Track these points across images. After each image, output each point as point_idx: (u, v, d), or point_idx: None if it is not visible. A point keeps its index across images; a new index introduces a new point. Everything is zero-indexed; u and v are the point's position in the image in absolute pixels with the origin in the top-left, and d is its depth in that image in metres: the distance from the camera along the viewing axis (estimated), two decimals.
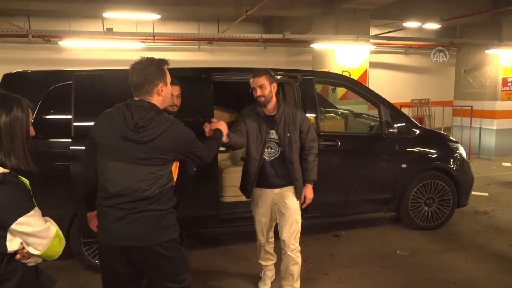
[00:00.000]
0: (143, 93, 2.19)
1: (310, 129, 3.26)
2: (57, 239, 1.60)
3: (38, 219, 1.55)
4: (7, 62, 8.92)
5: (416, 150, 4.80)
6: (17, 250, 1.53)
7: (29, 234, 1.52)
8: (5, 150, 1.57)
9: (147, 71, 2.18)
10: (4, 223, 1.48)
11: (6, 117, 1.57)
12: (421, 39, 11.95)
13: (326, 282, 3.70)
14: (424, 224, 4.85)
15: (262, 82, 3.08)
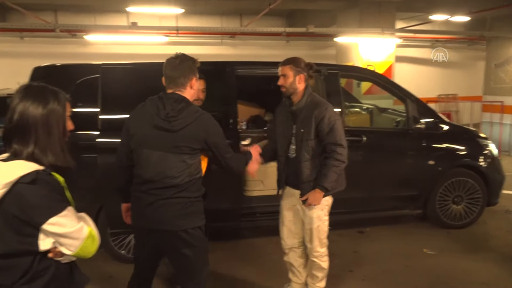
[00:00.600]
0: (177, 86, 2.33)
1: (333, 130, 2.82)
2: (90, 240, 1.55)
3: (71, 219, 1.50)
4: (35, 56, 9.12)
5: (443, 146, 4.67)
6: (49, 249, 1.50)
7: (61, 234, 1.48)
8: (40, 146, 1.50)
9: (184, 65, 2.34)
10: (35, 223, 1.44)
11: (42, 110, 1.51)
12: (449, 32, 11.62)
13: (351, 279, 3.65)
14: (452, 223, 4.72)
15: (285, 71, 2.89)
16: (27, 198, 1.42)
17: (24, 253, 1.47)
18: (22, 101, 1.50)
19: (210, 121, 2.36)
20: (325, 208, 3.03)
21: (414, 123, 4.44)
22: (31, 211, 1.43)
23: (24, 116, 1.49)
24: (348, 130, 4.28)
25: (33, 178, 1.43)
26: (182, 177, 2.28)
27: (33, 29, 9.74)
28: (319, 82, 4.29)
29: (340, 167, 2.87)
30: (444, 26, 11.73)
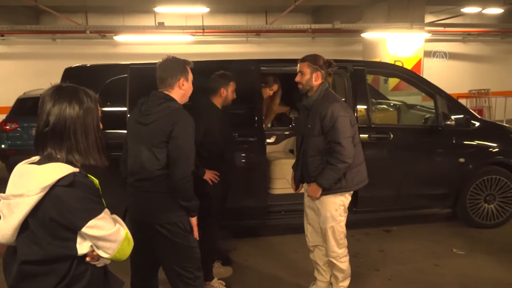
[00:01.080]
0: (166, 86, 2.46)
1: (335, 128, 2.74)
2: (126, 242, 1.52)
3: (108, 222, 1.47)
4: (67, 57, 9.42)
5: (475, 143, 4.53)
6: (87, 253, 1.47)
7: (99, 237, 1.44)
8: (79, 147, 1.47)
9: (172, 67, 2.47)
10: (74, 226, 1.41)
11: (79, 110, 1.47)
12: (481, 25, 11.25)
13: (377, 279, 3.60)
14: (484, 222, 4.58)
15: (302, 68, 2.89)
16: (66, 201, 1.38)
17: (62, 258, 1.44)
18: (57, 103, 1.45)
19: (182, 117, 2.36)
20: (340, 208, 2.96)
21: (444, 119, 4.32)
22: (70, 214, 1.39)
23: (62, 118, 1.44)
24: (375, 127, 4.26)
25: (71, 181, 1.39)
26: (153, 170, 2.37)
27: (65, 30, 10.08)
28: (344, 79, 4.25)
29: (337, 167, 2.76)
30: (476, 19, 11.35)
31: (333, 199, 2.92)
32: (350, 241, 4.30)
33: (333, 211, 2.93)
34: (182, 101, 2.49)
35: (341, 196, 2.93)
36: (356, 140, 2.90)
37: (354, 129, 2.88)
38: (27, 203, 1.36)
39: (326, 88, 2.90)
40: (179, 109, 2.40)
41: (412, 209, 4.59)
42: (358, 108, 4.19)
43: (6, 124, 6.96)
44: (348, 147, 2.77)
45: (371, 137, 4.19)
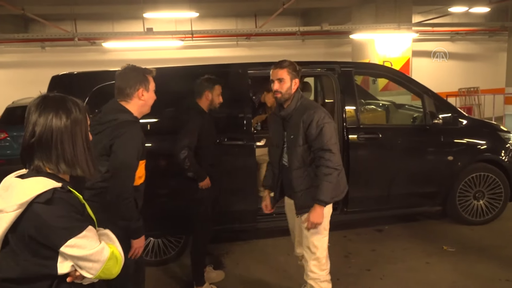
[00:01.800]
0: (124, 96, 2.35)
1: (321, 135, 2.57)
2: (112, 261, 1.42)
3: (91, 240, 1.38)
4: (55, 65, 9.39)
5: (463, 141, 4.58)
6: (68, 272, 1.38)
7: (80, 257, 1.36)
8: (66, 159, 1.42)
9: (130, 76, 2.35)
10: (53, 245, 1.34)
11: (66, 120, 1.41)
12: (469, 24, 11.38)
13: (369, 278, 3.61)
14: (473, 219, 4.62)
15: (282, 75, 2.64)
16: (44, 218, 1.32)
17: (41, 277, 1.38)
18: (43, 113, 1.39)
19: (125, 130, 2.24)
20: (324, 221, 2.70)
21: (432, 118, 4.37)
22: (48, 232, 1.33)
23: (48, 129, 1.38)
24: (364, 127, 4.28)
25: (48, 198, 1.33)
26: (94, 181, 2.21)
27: (54, 38, 10.03)
28: (332, 80, 4.28)
29: (333, 175, 2.56)
30: (464, 18, 11.48)
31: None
32: (342, 241, 4.38)
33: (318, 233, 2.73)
34: (141, 112, 2.39)
35: (329, 207, 2.75)
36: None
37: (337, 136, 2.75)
38: (6, 219, 1.32)
39: (301, 96, 2.72)
40: (124, 122, 2.26)
41: (403, 208, 4.61)
42: (346, 109, 4.21)
43: None
44: (337, 153, 2.61)
45: (360, 138, 4.21)
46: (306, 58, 11.80)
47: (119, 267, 1.47)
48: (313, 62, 4.66)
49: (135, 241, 2.31)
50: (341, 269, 3.75)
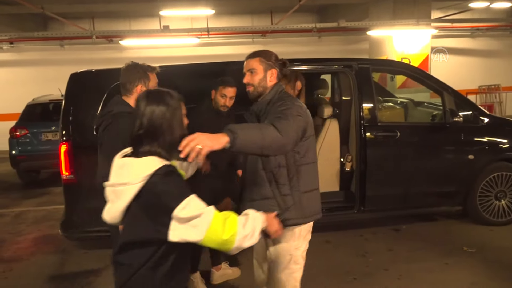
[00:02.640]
0: (125, 91, 2.52)
1: (281, 118, 2.00)
2: (216, 224, 1.59)
3: (198, 203, 1.60)
4: (74, 63, 9.50)
5: (484, 140, 4.47)
6: (176, 242, 1.57)
7: (190, 218, 1.56)
8: (166, 143, 1.66)
9: (131, 72, 2.51)
10: (169, 208, 1.56)
11: (166, 111, 1.66)
12: (490, 19, 11.10)
13: (386, 278, 3.56)
14: (495, 220, 4.51)
15: (253, 65, 2.21)
16: (162, 187, 1.58)
17: (154, 241, 1.62)
18: (148, 106, 1.66)
19: (114, 121, 2.39)
20: (295, 253, 2.26)
21: (452, 116, 4.27)
22: (166, 197, 1.57)
23: (153, 118, 1.65)
24: (381, 125, 4.22)
25: (166, 171, 1.59)
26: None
27: (72, 36, 10.19)
28: (349, 77, 4.23)
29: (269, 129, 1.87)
30: (484, 14, 11.21)
31: (288, 236, 2.24)
32: (359, 240, 4.33)
33: (286, 256, 2.26)
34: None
35: (299, 232, 2.27)
36: (311, 159, 2.25)
37: (309, 144, 2.20)
38: (131, 190, 1.59)
39: (282, 90, 2.26)
40: (116, 114, 2.41)
41: (421, 208, 4.54)
42: (364, 106, 4.16)
43: (16, 130, 7.05)
44: (287, 138, 1.92)
45: (378, 136, 4.16)
46: (322, 55, 11.70)
47: (227, 234, 1.61)
48: (330, 59, 4.61)
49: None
50: (358, 269, 3.72)
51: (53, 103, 7.36)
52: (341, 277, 3.58)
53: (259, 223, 1.75)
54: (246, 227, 1.68)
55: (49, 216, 5.64)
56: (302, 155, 2.20)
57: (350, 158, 4.49)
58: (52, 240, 4.73)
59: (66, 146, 3.66)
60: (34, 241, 4.78)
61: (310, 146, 2.24)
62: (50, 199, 6.52)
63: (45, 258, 4.27)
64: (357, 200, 4.24)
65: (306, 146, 2.20)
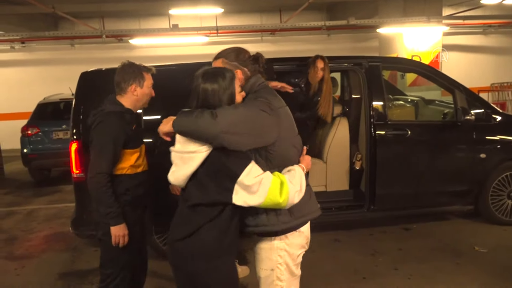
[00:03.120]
0: (119, 91, 2.53)
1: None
2: (274, 187, 1.72)
3: (257, 168, 1.74)
4: (84, 62, 9.56)
5: (497, 138, 4.41)
6: (239, 205, 1.74)
7: (252, 185, 1.70)
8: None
9: (125, 72, 2.51)
10: (234, 175, 1.71)
11: (218, 89, 1.78)
12: (502, 16, 10.94)
13: (396, 278, 3.53)
14: (507, 219, 4.45)
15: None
16: (227, 154, 1.73)
17: (218, 203, 1.78)
18: (202, 84, 1.80)
19: (103, 119, 2.43)
20: (278, 268, 1.96)
21: (463, 114, 4.21)
22: (232, 165, 1.72)
23: (207, 96, 1.79)
24: (392, 123, 4.19)
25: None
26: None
27: (82, 36, 10.27)
28: (359, 75, 4.19)
29: (203, 115, 1.71)
30: (497, 10, 11.04)
31: (267, 247, 1.95)
32: (368, 239, 4.31)
33: (268, 270, 1.97)
34: (136, 106, 2.57)
35: (280, 242, 1.94)
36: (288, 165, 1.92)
37: (282, 151, 1.90)
38: (200, 157, 1.74)
39: (260, 83, 2.01)
40: (106, 113, 2.45)
41: (432, 207, 4.49)
42: (374, 104, 4.13)
43: (28, 129, 7.13)
44: (235, 118, 1.73)
45: (388, 134, 4.12)
46: (331, 53, 11.54)
47: (285, 196, 1.73)
48: (339, 57, 4.58)
49: (112, 228, 2.43)
50: (368, 268, 3.69)
51: (64, 102, 7.44)
52: (350, 276, 3.56)
53: (302, 175, 1.87)
54: (295, 183, 1.80)
55: (60, 214, 5.70)
56: (273, 163, 1.89)
57: (360, 157, 4.46)
58: (63, 237, 4.78)
59: (76, 145, 3.69)
60: (46, 239, 4.84)
61: (285, 154, 1.91)
62: (61, 197, 6.59)
63: (56, 256, 4.32)
64: (367, 198, 4.21)
65: (279, 153, 1.88)
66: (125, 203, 2.51)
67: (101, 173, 2.37)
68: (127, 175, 2.51)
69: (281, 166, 1.90)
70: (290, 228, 1.93)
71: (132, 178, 2.53)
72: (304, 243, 2.01)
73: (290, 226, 1.92)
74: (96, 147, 2.42)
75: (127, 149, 2.48)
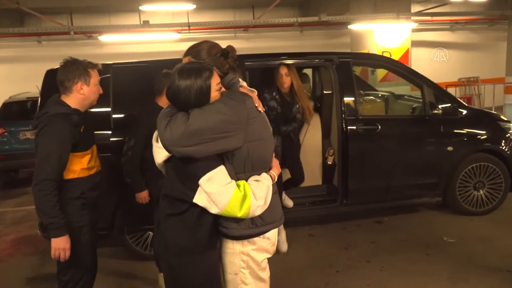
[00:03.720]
0: (63, 89, 2.36)
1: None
2: (236, 202, 1.67)
3: (222, 178, 1.67)
4: (52, 59, 9.22)
5: (463, 131, 4.54)
6: (202, 206, 1.70)
7: (212, 193, 1.65)
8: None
9: (69, 69, 2.35)
10: (196, 177, 1.67)
11: (190, 86, 1.69)
12: (468, 13, 11.28)
13: (368, 270, 3.60)
14: (474, 210, 4.60)
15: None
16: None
17: (182, 200, 1.75)
18: (176, 81, 1.72)
19: (48, 123, 2.25)
20: (243, 272, 1.87)
21: (431, 109, 4.33)
22: (194, 166, 1.68)
23: (179, 93, 1.72)
24: (362, 118, 4.25)
25: None
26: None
27: (49, 32, 9.95)
28: (330, 71, 4.23)
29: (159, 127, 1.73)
30: (463, 7, 11.38)
31: (230, 251, 1.87)
32: (342, 233, 4.37)
33: (232, 273, 1.89)
34: (83, 106, 2.41)
35: (242, 246, 1.85)
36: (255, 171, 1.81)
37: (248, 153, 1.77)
38: (163, 153, 1.76)
39: (235, 83, 1.86)
40: (51, 116, 2.27)
41: (403, 199, 4.60)
42: (345, 100, 4.18)
43: None
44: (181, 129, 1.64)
45: (359, 129, 4.18)
46: (304, 49, 11.71)
47: (245, 209, 1.69)
48: (311, 53, 4.61)
49: (52, 240, 2.23)
50: (341, 261, 3.75)
51: (31, 101, 7.19)
52: (324, 270, 3.61)
53: (270, 186, 1.79)
54: (259, 197, 1.72)
55: (28, 216, 5.52)
56: (236, 168, 1.78)
57: (332, 152, 4.52)
58: (31, 241, 4.64)
59: None
60: (13, 242, 4.68)
61: (251, 157, 1.78)
62: (29, 199, 6.37)
63: (24, 260, 4.19)
64: (340, 193, 4.27)
65: (242, 157, 1.76)
66: (83, 206, 2.41)
67: (45, 180, 2.17)
68: (80, 178, 2.38)
69: (255, 170, 1.79)
70: (250, 235, 1.83)
71: (85, 181, 2.41)
72: (268, 247, 1.90)
73: (249, 234, 1.82)
74: (41, 153, 2.22)
75: (76, 152, 2.33)
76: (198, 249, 1.81)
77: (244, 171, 1.78)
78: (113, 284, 3.56)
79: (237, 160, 1.77)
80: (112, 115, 3.70)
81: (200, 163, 1.68)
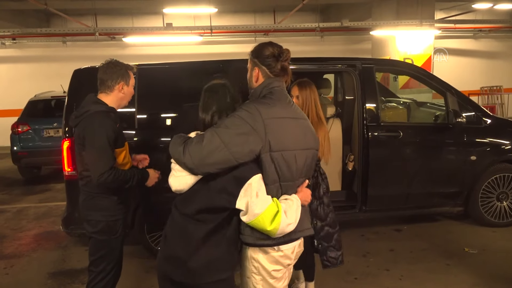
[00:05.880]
0: (105, 88, 2.48)
1: (220, 122, 1.83)
2: (269, 215, 1.68)
3: (262, 185, 1.72)
4: (76, 59, 9.49)
5: (487, 141, 4.46)
6: (241, 210, 1.71)
7: (253, 195, 1.68)
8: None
9: (113, 70, 2.48)
10: (244, 179, 1.69)
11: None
12: (492, 21, 11.10)
13: (387, 278, 3.56)
14: (496, 221, 4.51)
15: (248, 62, 2.00)
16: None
17: (223, 209, 1.75)
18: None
19: (92, 121, 2.37)
20: (254, 277, 1.88)
21: (455, 117, 4.27)
22: (240, 170, 1.71)
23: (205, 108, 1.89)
24: (384, 125, 4.22)
25: None
26: (80, 170, 2.49)
27: (75, 33, 10.19)
28: (353, 77, 4.22)
29: (176, 141, 1.82)
30: (488, 15, 11.19)
31: (244, 255, 1.91)
32: (360, 240, 4.33)
33: (244, 276, 1.93)
34: (120, 105, 2.54)
35: (254, 253, 1.86)
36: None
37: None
38: (190, 177, 1.78)
39: (260, 92, 1.91)
40: (94, 113, 2.38)
41: (423, 208, 4.53)
42: (367, 106, 4.16)
43: (18, 126, 7.05)
44: (200, 153, 1.70)
45: (381, 135, 4.15)
46: (324, 54, 11.65)
47: (274, 226, 1.69)
48: (333, 58, 4.60)
49: (149, 180, 2.57)
50: (359, 269, 3.72)
51: (55, 100, 7.37)
52: (342, 277, 3.58)
53: (299, 207, 1.80)
54: (290, 216, 1.74)
55: (50, 212, 5.65)
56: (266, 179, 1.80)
57: (353, 158, 4.49)
58: (54, 236, 4.74)
59: (68, 143, 3.66)
60: (36, 238, 4.79)
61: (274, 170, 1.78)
62: (52, 195, 6.53)
63: (46, 255, 4.28)
64: (359, 199, 4.23)
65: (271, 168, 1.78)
66: (119, 201, 2.51)
67: (104, 173, 2.32)
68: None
69: (275, 182, 1.79)
70: (263, 244, 1.82)
71: None
72: (281, 260, 1.85)
73: (262, 244, 1.82)
74: (93, 150, 2.35)
75: (116, 148, 2.45)
76: (234, 265, 1.86)
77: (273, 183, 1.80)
78: (133, 282, 3.61)
79: (266, 172, 1.77)
80: (136, 115, 3.76)
81: (246, 168, 1.71)
